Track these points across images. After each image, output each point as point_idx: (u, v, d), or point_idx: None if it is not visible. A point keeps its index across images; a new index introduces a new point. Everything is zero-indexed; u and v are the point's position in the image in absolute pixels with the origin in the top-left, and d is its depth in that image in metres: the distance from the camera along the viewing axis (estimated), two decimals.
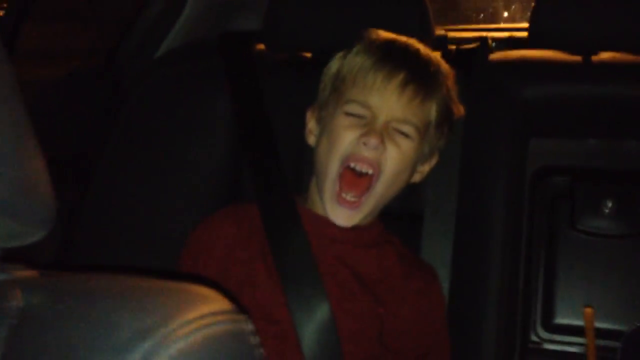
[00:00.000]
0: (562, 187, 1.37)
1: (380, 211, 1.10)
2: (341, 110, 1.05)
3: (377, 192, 1.04)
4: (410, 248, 1.17)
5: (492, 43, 1.54)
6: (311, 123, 1.14)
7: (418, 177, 1.13)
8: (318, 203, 1.08)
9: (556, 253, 1.35)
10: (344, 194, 1.03)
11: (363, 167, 1.02)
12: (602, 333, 1.21)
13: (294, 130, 1.18)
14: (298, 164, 1.26)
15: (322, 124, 1.10)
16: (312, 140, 1.12)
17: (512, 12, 2.99)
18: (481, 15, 3.04)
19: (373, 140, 1.01)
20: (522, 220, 1.33)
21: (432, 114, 1.07)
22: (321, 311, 1.00)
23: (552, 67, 1.32)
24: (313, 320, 1.00)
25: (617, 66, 1.27)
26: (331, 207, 1.04)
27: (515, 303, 1.28)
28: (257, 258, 1.06)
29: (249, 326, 0.47)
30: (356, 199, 1.03)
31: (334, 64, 1.11)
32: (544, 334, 1.33)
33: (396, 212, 1.26)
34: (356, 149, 1.02)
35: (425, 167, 1.13)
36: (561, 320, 1.33)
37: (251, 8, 1.62)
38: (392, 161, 1.03)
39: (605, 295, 1.31)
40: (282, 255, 1.04)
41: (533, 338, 1.33)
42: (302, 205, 1.11)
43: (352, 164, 1.03)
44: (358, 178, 1.03)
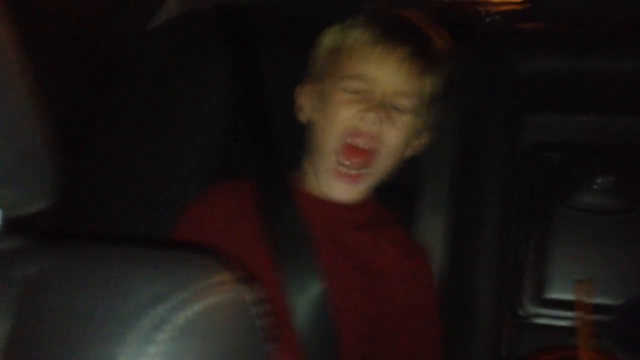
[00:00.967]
0: (556, 162, 1.38)
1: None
2: (339, 85, 1.04)
3: (376, 167, 1.04)
4: (404, 220, 1.17)
5: (488, 18, 1.53)
6: (302, 99, 1.12)
7: (414, 151, 1.13)
8: (312, 181, 1.08)
9: (549, 228, 1.36)
10: (343, 168, 1.03)
11: (362, 142, 1.02)
12: (594, 307, 1.22)
13: (287, 104, 1.17)
14: (293, 139, 1.27)
15: (318, 99, 1.08)
16: (303, 116, 1.11)
17: None
18: None
19: (372, 115, 1.01)
20: (516, 194, 1.34)
21: (431, 88, 1.06)
22: (315, 289, 1.00)
23: (546, 42, 1.32)
24: (307, 297, 1.00)
25: (612, 41, 1.27)
26: (329, 182, 1.04)
27: (506, 277, 1.29)
28: (252, 235, 1.06)
29: (252, 296, 0.47)
30: (355, 172, 1.03)
31: (330, 37, 1.09)
32: (534, 309, 1.35)
33: (391, 185, 1.26)
34: (355, 124, 1.02)
35: (422, 141, 1.13)
36: (551, 294, 1.35)
37: None
38: (391, 136, 1.03)
39: (597, 270, 1.32)
40: (276, 232, 1.04)
41: (523, 312, 1.35)
42: (296, 182, 1.11)
43: (351, 140, 1.02)
44: (358, 151, 1.02)
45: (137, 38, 1.41)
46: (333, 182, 1.04)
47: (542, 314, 1.35)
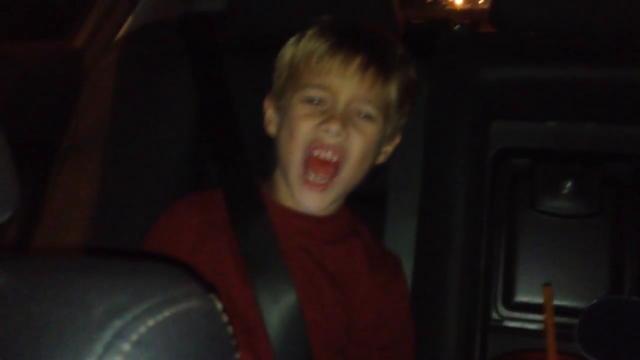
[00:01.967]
0: (522, 169, 1.40)
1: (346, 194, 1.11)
2: (299, 97, 1.04)
3: (344, 177, 1.04)
4: (374, 229, 1.18)
5: (455, 26, 1.55)
6: (269, 112, 1.12)
7: (382, 158, 1.13)
8: (284, 193, 1.08)
9: (516, 233, 1.37)
10: (311, 178, 1.02)
11: (327, 155, 1.01)
12: (561, 310, 1.23)
13: (257, 115, 1.17)
14: (262, 151, 1.27)
15: (281, 113, 1.08)
16: (273, 129, 1.11)
17: None
18: None
19: (334, 126, 1.00)
20: (483, 201, 1.35)
21: (394, 94, 1.06)
22: (288, 301, 1.00)
23: (511, 50, 1.33)
24: (280, 310, 0.99)
25: (577, 49, 1.30)
26: (299, 192, 1.03)
27: (476, 282, 1.30)
28: (224, 247, 1.05)
29: (219, 305, 0.47)
30: (324, 181, 1.03)
31: (287, 51, 1.09)
32: (505, 312, 1.36)
33: (361, 193, 1.27)
34: (318, 136, 1.01)
35: (389, 148, 1.13)
36: (521, 298, 1.36)
37: None
38: (357, 146, 1.02)
39: (563, 273, 1.34)
40: (248, 244, 1.03)
41: (494, 316, 1.36)
42: (268, 195, 1.10)
43: (316, 152, 1.01)
44: (323, 164, 1.02)
45: (103, 49, 1.40)
46: (302, 192, 1.03)
47: (513, 317, 1.36)
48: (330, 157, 1.01)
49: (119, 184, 1.24)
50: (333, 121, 1.00)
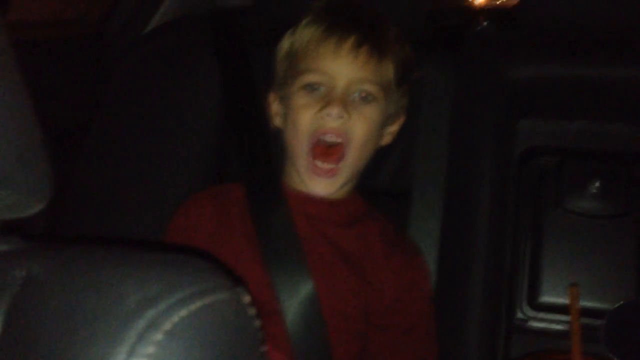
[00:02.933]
0: (550, 168, 1.38)
1: (363, 186, 1.11)
2: (298, 84, 1.06)
3: (350, 160, 1.05)
4: (398, 226, 1.18)
5: (484, 22, 1.54)
6: (274, 105, 1.13)
7: (389, 139, 1.14)
8: (296, 180, 1.09)
9: (542, 232, 1.36)
10: (319, 164, 1.04)
11: (332, 138, 1.03)
12: (587, 311, 1.22)
13: None
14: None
15: (284, 105, 1.10)
16: (278, 122, 1.12)
17: None
18: None
19: (335, 109, 1.01)
20: (509, 199, 1.34)
21: (391, 72, 1.08)
22: (305, 289, 1.01)
23: (541, 48, 1.32)
24: (297, 298, 1.01)
25: (607, 48, 1.28)
26: (309, 179, 1.05)
27: (501, 281, 1.29)
28: (241, 238, 1.06)
29: (247, 298, 0.47)
30: (332, 167, 1.04)
31: (285, 42, 1.11)
32: (530, 312, 1.35)
33: (385, 190, 1.27)
34: (320, 123, 1.03)
35: (394, 127, 1.14)
36: (546, 298, 1.35)
37: None
38: (359, 127, 1.04)
39: (590, 274, 1.33)
40: (266, 234, 1.04)
41: (519, 315, 1.35)
42: (284, 182, 1.11)
43: (319, 139, 1.03)
44: (329, 148, 1.03)
45: (132, 42, 1.41)
46: (312, 180, 1.05)
47: (537, 318, 1.35)
48: (334, 140, 1.03)
49: (144, 175, 1.25)
50: (333, 104, 1.02)
